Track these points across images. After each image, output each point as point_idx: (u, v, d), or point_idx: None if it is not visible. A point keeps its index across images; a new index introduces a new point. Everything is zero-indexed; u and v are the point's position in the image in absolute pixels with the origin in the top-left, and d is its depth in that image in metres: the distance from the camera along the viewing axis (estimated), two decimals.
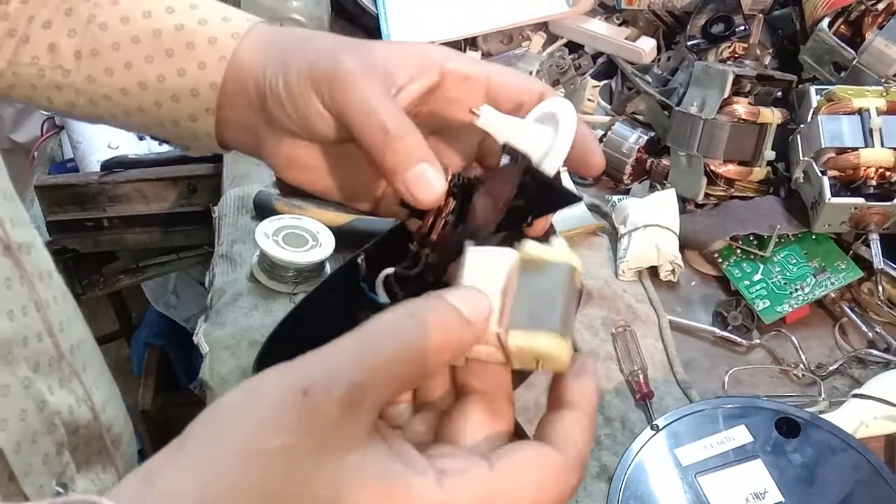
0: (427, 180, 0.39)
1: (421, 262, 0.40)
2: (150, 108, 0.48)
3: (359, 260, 0.43)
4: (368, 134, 0.40)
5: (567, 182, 0.87)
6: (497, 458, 0.31)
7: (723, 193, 0.83)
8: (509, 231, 0.40)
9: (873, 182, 0.75)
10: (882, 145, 0.74)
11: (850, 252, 0.78)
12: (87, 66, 0.47)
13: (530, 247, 0.35)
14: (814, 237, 0.79)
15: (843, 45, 0.84)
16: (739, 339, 0.74)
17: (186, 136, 0.49)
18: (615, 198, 0.85)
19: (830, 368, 0.71)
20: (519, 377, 0.40)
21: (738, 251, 0.79)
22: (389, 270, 0.41)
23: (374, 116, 0.40)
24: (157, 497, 0.28)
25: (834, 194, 0.74)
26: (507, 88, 0.44)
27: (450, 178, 0.41)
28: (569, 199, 0.42)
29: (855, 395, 0.66)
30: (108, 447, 0.50)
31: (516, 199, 0.39)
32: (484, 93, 0.44)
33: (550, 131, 0.41)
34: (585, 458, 0.33)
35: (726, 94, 0.80)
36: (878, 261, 0.73)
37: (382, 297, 0.40)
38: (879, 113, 0.75)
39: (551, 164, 0.40)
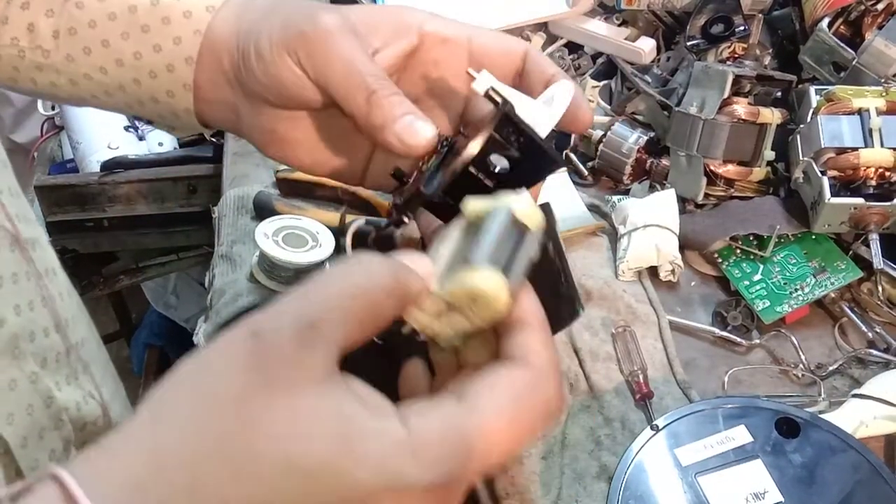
0: (416, 127, 0.39)
1: (393, 218, 0.40)
2: (130, 85, 0.47)
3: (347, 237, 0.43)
4: (351, 94, 0.40)
5: (567, 182, 0.87)
6: (463, 390, 0.30)
7: (722, 193, 0.84)
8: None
9: (873, 182, 0.75)
10: (882, 145, 0.74)
11: (850, 252, 0.78)
12: (66, 45, 0.47)
13: (472, 204, 0.35)
14: (813, 237, 0.79)
15: (842, 45, 0.84)
16: (739, 340, 0.74)
17: (167, 113, 0.48)
18: (615, 198, 0.85)
19: (830, 368, 0.71)
20: None
21: (738, 251, 0.79)
22: (360, 221, 0.41)
23: (356, 76, 0.40)
24: (112, 457, 0.28)
25: (833, 194, 0.74)
26: (490, 50, 0.44)
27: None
28: (552, 157, 0.42)
29: (855, 395, 0.66)
30: None
31: (500, 165, 0.39)
32: (466, 55, 0.44)
33: (545, 107, 0.41)
34: (555, 366, 0.32)
35: (726, 95, 0.80)
36: (878, 261, 0.73)
37: (349, 250, 0.40)
38: (879, 113, 0.75)
39: (538, 130, 0.40)
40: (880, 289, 0.74)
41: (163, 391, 0.29)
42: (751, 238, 0.80)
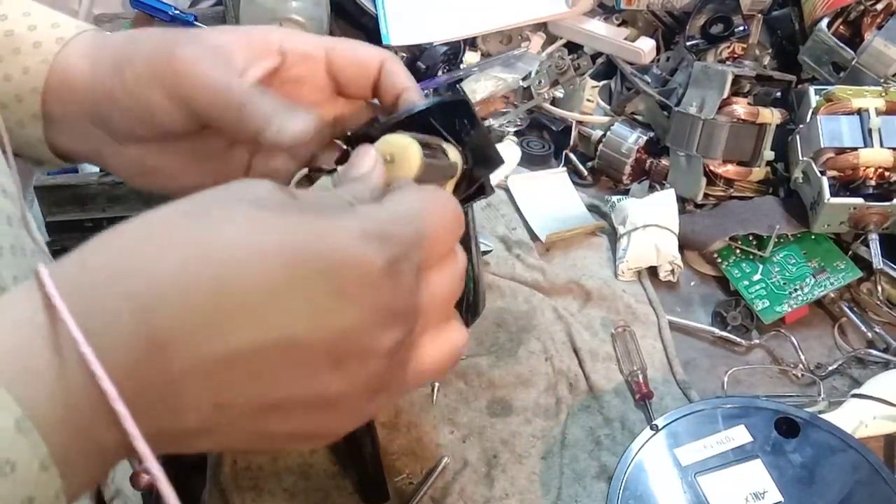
0: (292, 116, 0.41)
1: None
2: None
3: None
4: (223, 112, 0.41)
5: (566, 183, 0.87)
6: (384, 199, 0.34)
7: (722, 194, 0.84)
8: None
9: (872, 182, 0.75)
10: (881, 145, 0.74)
11: (850, 252, 0.78)
12: None
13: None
14: (813, 237, 0.79)
15: (842, 45, 0.84)
16: (739, 340, 0.74)
17: (24, 143, 0.49)
18: (614, 198, 0.86)
19: (830, 368, 0.71)
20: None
21: (738, 251, 0.79)
22: (305, 171, 0.42)
23: (224, 95, 0.41)
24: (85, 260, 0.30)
25: (833, 194, 0.74)
26: (345, 63, 0.46)
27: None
28: (495, 157, 0.45)
29: (854, 395, 0.66)
30: None
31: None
32: (325, 69, 0.46)
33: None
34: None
35: (725, 95, 0.80)
36: (878, 261, 0.73)
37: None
38: (878, 113, 0.75)
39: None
40: (880, 289, 0.75)
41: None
42: (750, 238, 0.80)
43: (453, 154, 0.42)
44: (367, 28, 1.00)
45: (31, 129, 0.47)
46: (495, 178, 0.87)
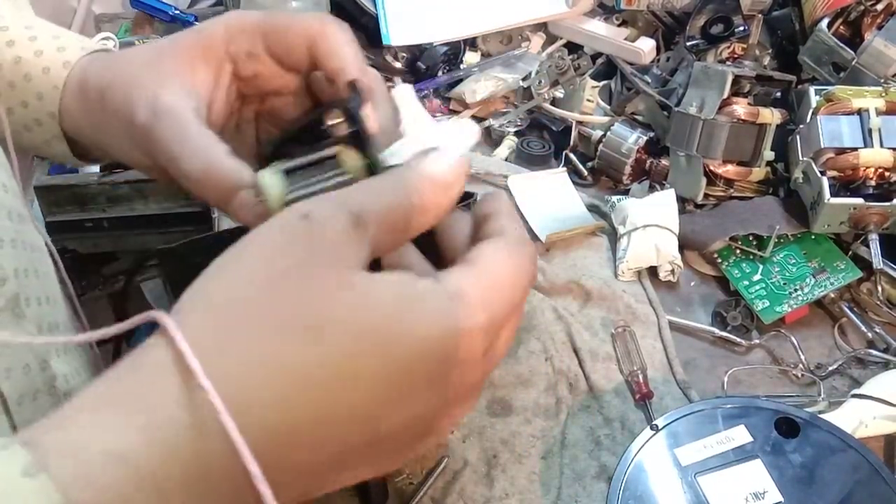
0: (248, 208, 0.40)
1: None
2: (15, 136, 0.50)
3: None
4: (184, 181, 0.42)
5: (566, 183, 0.87)
6: (469, 256, 0.35)
7: (722, 194, 0.84)
8: None
9: (872, 182, 0.75)
10: (881, 145, 0.74)
11: (850, 252, 0.78)
12: None
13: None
14: (813, 237, 0.79)
15: (842, 45, 0.84)
16: (739, 340, 0.74)
17: (55, 157, 0.51)
18: (614, 198, 0.86)
19: (830, 368, 0.71)
20: None
21: (738, 251, 0.79)
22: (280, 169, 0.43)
23: (180, 165, 0.41)
24: (181, 328, 0.29)
25: (833, 194, 0.74)
26: (278, 41, 0.45)
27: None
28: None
29: (854, 395, 0.66)
30: None
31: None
32: (270, 56, 0.46)
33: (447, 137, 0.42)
34: (525, 235, 0.37)
35: (725, 95, 0.80)
36: (878, 261, 0.73)
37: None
38: (878, 113, 0.75)
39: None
40: (880, 289, 0.75)
41: (217, 269, 0.31)
42: (750, 238, 0.80)
43: (351, 159, 0.39)
44: (367, 28, 1.00)
45: (59, 148, 0.50)
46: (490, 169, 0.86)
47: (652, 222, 0.79)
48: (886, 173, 0.74)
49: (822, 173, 0.75)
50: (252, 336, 0.29)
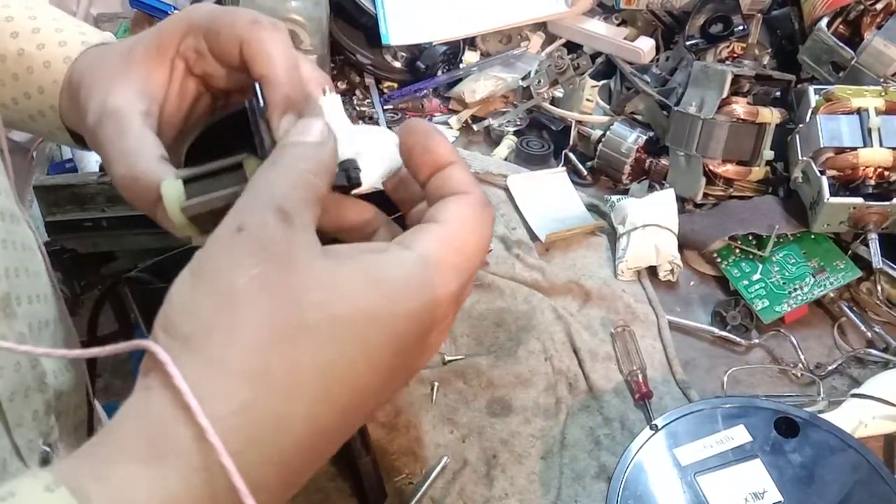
0: (165, 223, 0.41)
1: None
2: (22, 123, 0.51)
3: None
4: (116, 185, 0.42)
5: (566, 182, 0.87)
6: (436, 214, 0.35)
7: (721, 193, 0.84)
8: None
9: (872, 182, 0.75)
10: (881, 145, 0.74)
11: (849, 252, 0.78)
12: None
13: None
14: (812, 237, 0.79)
15: (841, 44, 0.84)
16: (738, 339, 0.74)
17: (62, 142, 0.52)
18: (614, 198, 0.85)
19: (829, 368, 0.71)
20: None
21: (737, 251, 0.79)
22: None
23: (111, 168, 0.42)
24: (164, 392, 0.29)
25: (833, 194, 0.74)
26: (214, 33, 0.44)
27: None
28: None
29: (854, 395, 0.66)
30: (81, 422, 0.51)
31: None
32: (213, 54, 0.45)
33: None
34: (485, 197, 0.38)
35: (725, 94, 0.80)
36: (877, 260, 0.73)
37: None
38: (878, 113, 0.75)
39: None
40: (879, 288, 0.75)
41: (185, 315, 0.31)
42: (750, 238, 0.80)
43: (253, 168, 0.38)
44: (366, 28, 1.00)
45: (63, 137, 0.50)
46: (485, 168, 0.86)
47: (651, 222, 0.79)
48: (886, 173, 0.74)
49: (822, 173, 0.75)
50: (237, 360, 0.29)
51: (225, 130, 0.47)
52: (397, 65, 1.00)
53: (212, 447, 0.28)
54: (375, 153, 0.41)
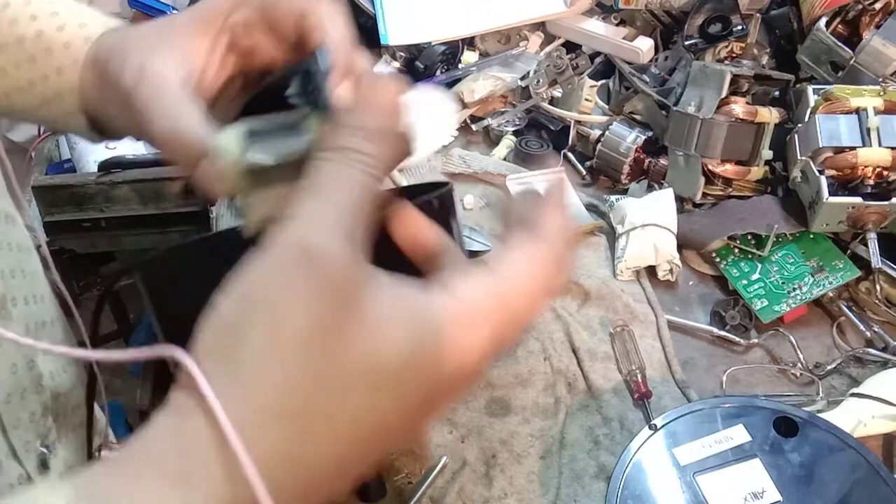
0: (210, 178, 0.40)
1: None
2: (33, 109, 0.50)
3: None
4: (156, 144, 0.42)
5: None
6: (492, 259, 0.33)
7: (720, 193, 0.84)
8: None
9: (871, 181, 0.75)
10: (879, 144, 0.74)
11: (848, 251, 0.78)
12: None
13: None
14: (811, 236, 0.79)
15: (840, 44, 0.84)
16: (737, 339, 0.74)
17: (74, 131, 0.51)
18: (613, 197, 0.85)
19: (828, 368, 0.71)
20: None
21: (736, 251, 0.79)
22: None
23: (151, 127, 0.41)
24: (199, 416, 0.29)
25: (831, 193, 0.74)
26: (272, 6, 0.44)
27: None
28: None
29: (853, 395, 0.66)
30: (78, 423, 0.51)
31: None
32: (268, 32, 0.45)
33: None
34: (567, 239, 0.35)
35: (724, 94, 0.80)
36: (876, 260, 0.73)
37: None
38: (877, 112, 0.75)
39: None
40: (878, 288, 0.75)
41: (231, 340, 0.29)
42: (749, 237, 0.80)
43: (316, 125, 0.37)
44: (365, 28, 1.00)
45: (77, 122, 0.49)
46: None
47: (650, 222, 0.79)
48: (885, 172, 0.74)
49: (821, 172, 0.75)
50: (276, 398, 0.29)
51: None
52: (396, 65, 1.00)
53: (245, 481, 0.28)
54: (430, 123, 0.39)
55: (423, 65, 0.97)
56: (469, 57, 0.99)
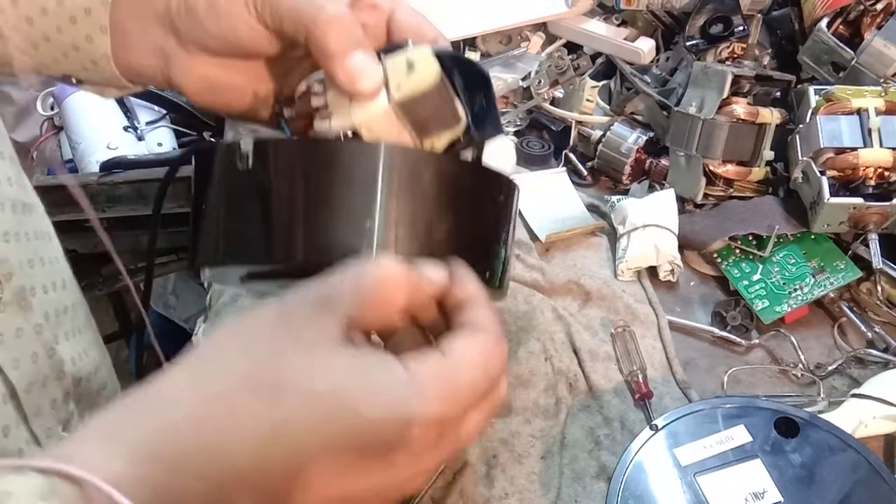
0: (366, 72, 0.41)
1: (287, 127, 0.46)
2: (53, 35, 0.47)
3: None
4: (308, 17, 0.41)
5: (566, 182, 0.88)
6: (445, 345, 0.36)
7: (722, 193, 0.84)
8: None
9: (872, 182, 0.75)
10: (881, 145, 0.74)
11: (849, 252, 0.78)
12: None
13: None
14: (813, 237, 0.79)
15: (841, 45, 0.84)
16: (738, 339, 0.74)
17: (88, 63, 0.48)
18: (614, 198, 0.86)
19: (829, 368, 0.71)
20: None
21: (737, 251, 0.79)
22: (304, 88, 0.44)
23: (315, 16, 0.42)
24: (156, 387, 0.33)
25: (833, 194, 0.74)
26: (406, 25, 0.46)
27: None
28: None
29: (854, 395, 0.66)
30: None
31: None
32: (385, 24, 0.46)
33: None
34: (502, 333, 0.39)
35: (725, 95, 0.80)
36: (877, 261, 0.73)
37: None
38: (878, 113, 0.75)
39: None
40: (879, 289, 0.74)
41: (206, 342, 0.36)
42: (750, 238, 0.80)
43: (460, 110, 0.43)
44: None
45: (99, 43, 0.47)
46: None
47: (651, 222, 0.79)
48: (886, 173, 0.74)
49: (822, 173, 0.75)
50: (223, 391, 0.33)
51: None
52: None
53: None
54: (498, 161, 0.44)
55: None
56: (470, 57, 0.99)
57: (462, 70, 0.43)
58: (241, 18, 0.43)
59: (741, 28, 0.91)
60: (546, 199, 0.86)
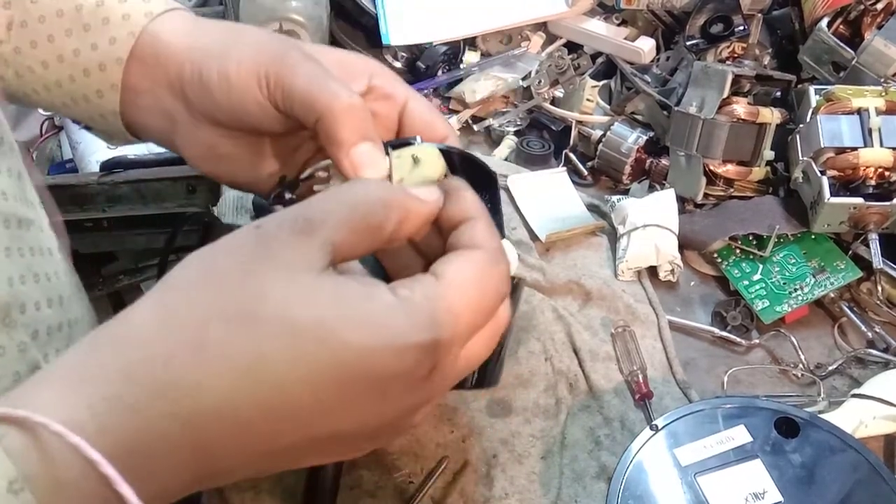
0: (370, 162, 0.41)
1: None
2: (66, 82, 0.48)
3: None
4: (319, 101, 0.42)
5: (566, 182, 0.87)
6: (437, 268, 0.35)
7: (722, 193, 0.84)
8: None
9: (872, 182, 0.75)
10: (881, 145, 0.74)
11: (850, 252, 0.78)
12: (17, 37, 0.48)
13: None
14: (813, 237, 0.79)
15: (842, 44, 0.84)
16: (738, 339, 0.74)
17: (96, 115, 0.49)
18: (614, 198, 0.85)
19: (830, 368, 0.71)
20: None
21: (738, 251, 0.79)
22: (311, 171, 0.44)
23: (325, 85, 0.42)
24: (121, 323, 0.32)
25: (833, 194, 0.74)
26: (419, 119, 0.46)
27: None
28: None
29: (854, 395, 0.66)
30: None
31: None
32: (398, 115, 0.46)
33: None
34: (501, 248, 0.37)
35: (725, 94, 0.80)
36: (878, 261, 0.73)
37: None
38: (878, 113, 0.75)
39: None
40: (880, 288, 0.75)
41: (174, 270, 0.33)
42: (750, 238, 0.80)
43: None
44: (366, 28, 1.00)
45: (108, 98, 0.48)
46: None
47: (652, 222, 0.79)
48: (886, 173, 0.74)
49: (822, 173, 0.75)
50: (192, 323, 0.30)
51: None
52: (397, 65, 1.00)
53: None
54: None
55: (424, 65, 0.97)
56: (470, 57, 0.99)
57: (468, 168, 0.43)
58: (251, 95, 0.43)
59: (741, 28, 0.91)
60: (546, 198, 0.85)
